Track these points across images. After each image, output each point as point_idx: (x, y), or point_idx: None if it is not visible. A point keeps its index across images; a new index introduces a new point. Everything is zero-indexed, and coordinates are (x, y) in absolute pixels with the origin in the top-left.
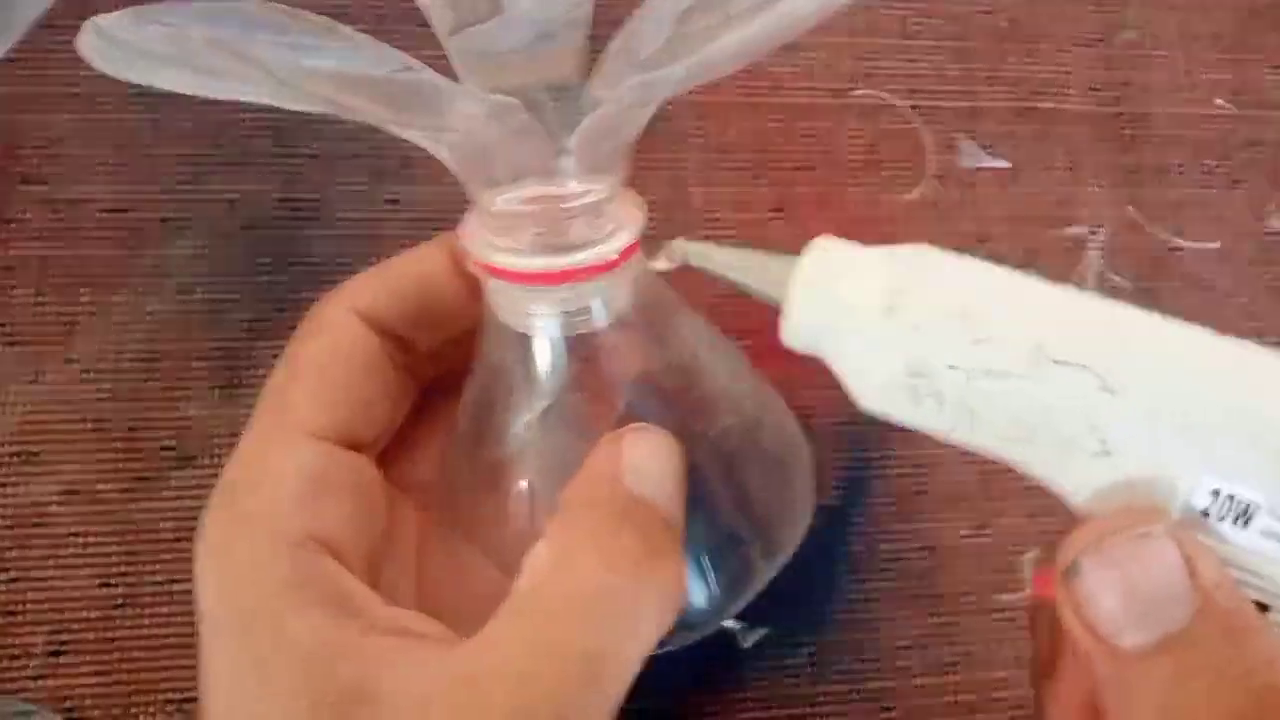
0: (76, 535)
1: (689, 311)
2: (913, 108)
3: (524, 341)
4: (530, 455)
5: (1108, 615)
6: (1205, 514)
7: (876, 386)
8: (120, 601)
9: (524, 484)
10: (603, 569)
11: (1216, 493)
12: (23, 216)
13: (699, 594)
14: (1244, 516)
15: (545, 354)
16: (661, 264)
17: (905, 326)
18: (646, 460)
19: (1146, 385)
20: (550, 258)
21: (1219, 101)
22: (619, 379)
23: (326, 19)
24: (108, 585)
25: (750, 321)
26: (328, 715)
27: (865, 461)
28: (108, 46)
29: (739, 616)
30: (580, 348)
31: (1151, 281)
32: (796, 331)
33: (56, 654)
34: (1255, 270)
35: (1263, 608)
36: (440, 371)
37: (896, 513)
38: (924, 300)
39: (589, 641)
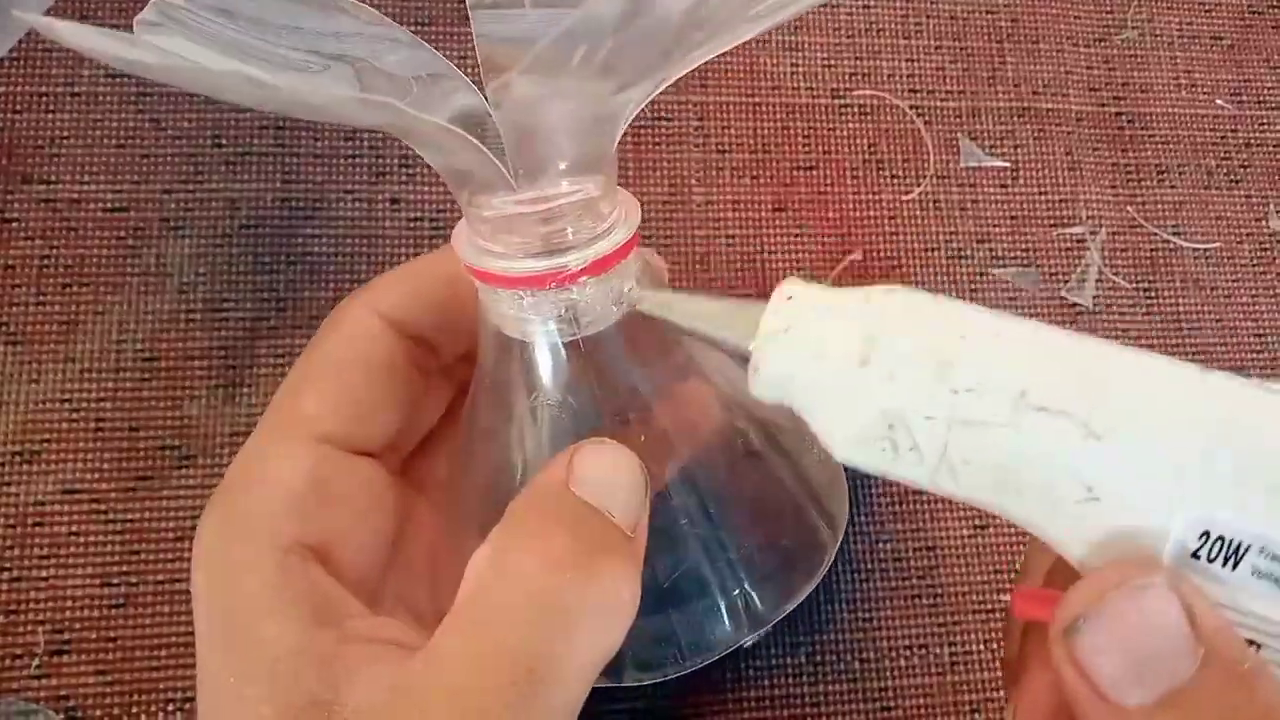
0: (77, 535)
1: None
2: (913, 108)
3: (518, 347)
4: (525, 463)
5: (1109, 675)
6: (1195, 555)
7: (852, 439)
8: (121, 601)
9: (517, 489)
10: (537, 571)
11: (1206, 534)
12: (23, 216)
13: (710, 619)
14: (1234, 556)
15: (539, 360)
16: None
17: (880, 377)
18: (598, 470)
19: (1131, 429)
20: (539, 260)
21: (1219, 102)
22: (616, 383)
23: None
24: (108, 585)
25: None
26: None
27: None
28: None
29: None
30: (574, 352)
31: (1151, 281)
32: (766, 383)
33: (57, 653)
34: (1255, 270)
35: (1254, 645)
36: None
37: (897, 512)
38: (899, 349)
39: (525, 646)
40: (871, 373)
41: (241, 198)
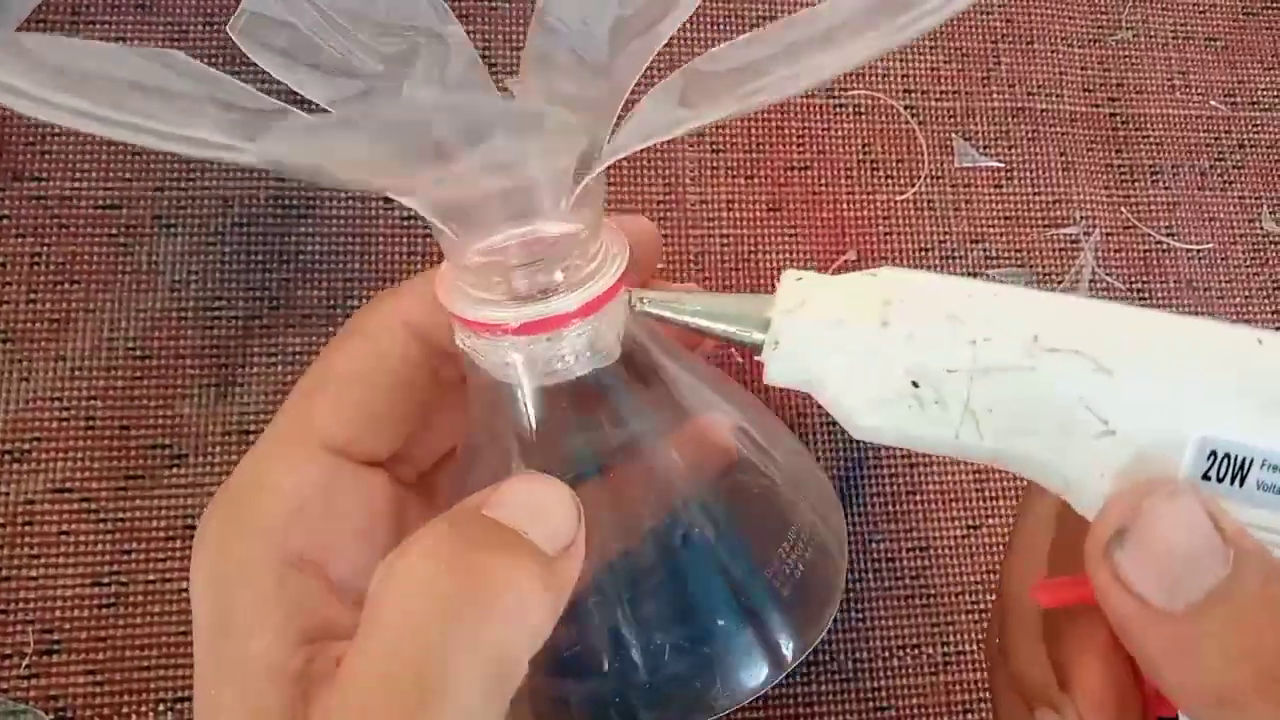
0: (67, 534)
1: (683, 351)
2: (907, 108)
3: (506, 391)
4: None
5: (1154, 584)
6: (1206, 476)
7: (876, 401)
8: (111, 600)
9: None
10: (422, 576)
11: (1213, 454)
12: (14, 213)
13: (743, 657)
14: (1240, 473)
15: (527, 403)
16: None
17: (901, 337)
18: (518, 496)
19: (1138, 361)
20: (524, 307)
21: (1213, 103)
22: (604, 424)
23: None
24: (99, 584)
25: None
26: None
27: (858, 461)
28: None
29: None
30: (563, 394)
31: (1144, 282)
32: (783, 362)
33: (47, 653)
34: (1248, 271)
35: None
36: None
37: (889, 512)
38: (916, 309)
39: (415, 656)
40: (892, 333)
41: (234, 196)
